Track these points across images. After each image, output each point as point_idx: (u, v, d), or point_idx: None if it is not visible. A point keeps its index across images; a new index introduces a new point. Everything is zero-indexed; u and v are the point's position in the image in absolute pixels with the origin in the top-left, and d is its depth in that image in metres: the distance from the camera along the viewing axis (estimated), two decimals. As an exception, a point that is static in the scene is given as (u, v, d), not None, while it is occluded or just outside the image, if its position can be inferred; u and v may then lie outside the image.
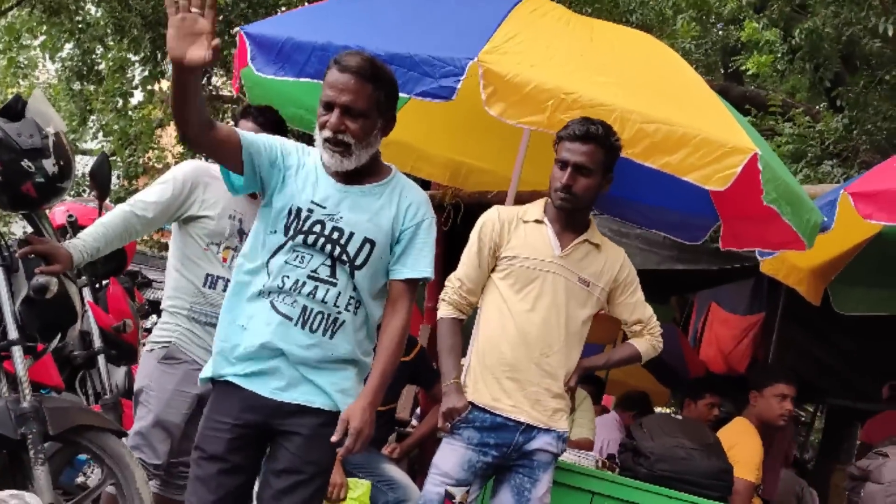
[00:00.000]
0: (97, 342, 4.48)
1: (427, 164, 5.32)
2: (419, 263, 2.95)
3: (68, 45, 11.38)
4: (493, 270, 3.57)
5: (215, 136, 2.73)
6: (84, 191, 11.80)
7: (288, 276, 2.85)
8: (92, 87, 11.66)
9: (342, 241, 2.86)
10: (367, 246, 2.88)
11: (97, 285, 4.77)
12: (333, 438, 2.80)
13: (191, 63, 2.44)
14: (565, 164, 3.44)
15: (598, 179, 3.47)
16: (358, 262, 2.88)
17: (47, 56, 12.16)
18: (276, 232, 2.87)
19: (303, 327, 2.84)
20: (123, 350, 4.72)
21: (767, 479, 4.93)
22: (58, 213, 4.70)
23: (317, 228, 2.85)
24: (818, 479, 8.20)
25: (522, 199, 3.96)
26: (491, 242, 3.55)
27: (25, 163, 3.29)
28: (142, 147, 11.70)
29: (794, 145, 7.26)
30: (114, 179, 12.24)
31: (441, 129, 5.03)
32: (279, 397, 2.85)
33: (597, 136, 3.40)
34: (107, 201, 4.17)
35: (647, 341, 3.71)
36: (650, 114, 3.53)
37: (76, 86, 11.74)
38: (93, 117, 12.53)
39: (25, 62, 13.79)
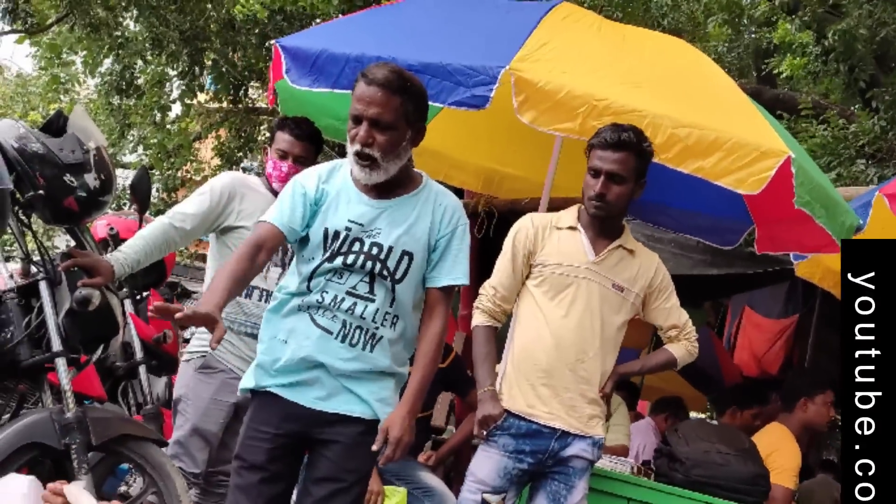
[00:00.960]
0: (138, 353, 4.54)
1: (460, 172, 5.34)
2: (455, 270, 2.97)
3: (107, 61, 11.53)
4: (527, 277, 3.57)
5: (269, 255, 2.91)
6: (125, 204, 11.94)
7: (327, 292, 2.88)
8: (131, 102, 11.81)
9: (381, 257, 2.89)
10: (406, 259, 2.91)
11: (138, 297, 4.85)
12: (374, 447, 2.83)
13: None
14: (598, 172, 3.43)
15: (631, 186, 3.46)
16: (398, 275, 2.91)
17: (87, 71, 12.32)
18: (314, 259, 2.91)
19: (343, 341, 2.87)
20: (164, 361, 4.78)
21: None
22: (99, 226, 4.78)
23: (356, 247, 2.88)
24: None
25: (556, 205, 3.97)
26: (525, 250, 3.55)
27: (67, 177, 3.35)
28: (180, 160, 11.81)
29: (828, 147, 7.19)
30: (153, 192, 12.40)
31: (474, 136, 5.05)
32: (319, 407, 2.89)
33: (629, 143, 3.39)
34: (147, 214, 4.24)
35: (683, 346, 3.68)
36: (682, 118, 3.53)
37: (115, 100, 11.89)
38: (132, 131, 12.69)
39: (66, 78, 13.97)
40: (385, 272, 2.89)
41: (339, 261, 2.88)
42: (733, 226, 4.63)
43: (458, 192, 5.90)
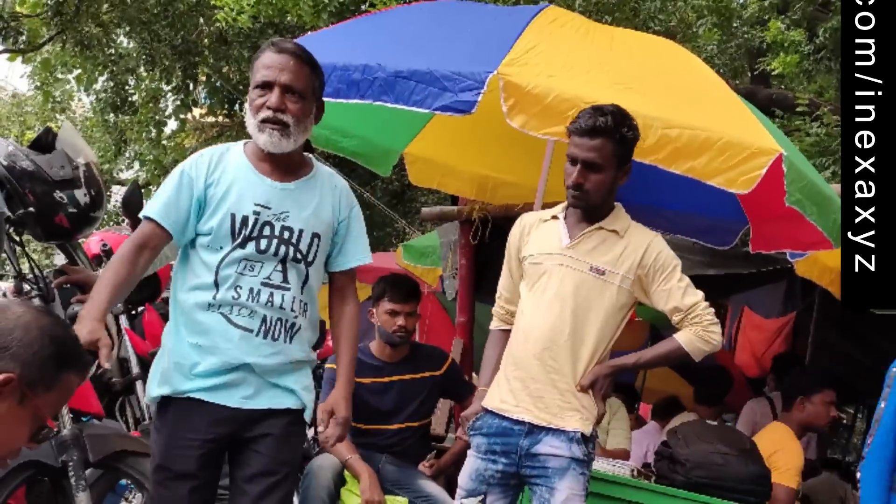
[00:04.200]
0: (135, 368, 4.52)
1: (454, 180, 5.33)
2: (360, 251, 3.04)
3: (102, 78, 11.55)
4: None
5: (153, 255, 2.86)
6: (123, 220, 11.94)
7: (241, 287, 2.82)
8: (126, 119, 11.82)
9: (293, 240, 2.86)
10: (316, 241, 2.91)
11: (133, 312, 4.83)
12: (321, 429, 2.88)
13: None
14: (575, 160, 3.26)
15: (611, 173, 3.28)
16: (311, 258, 2.90)
17: (82, 89, 12.33)
18: (222, 248, 2.83)
19: (265, 337, 2.84)
20: (161, 375, 4.75)
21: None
22: (92, 242, 4.76)
23: (266, 231, 2.84)
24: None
25: (550, 210, 3.95)
26: (515, 250, 3.48)
27: (57, 194, 3.35)
28: (176, 175, 11.82)
29: (821, 145, 7.19)
30: (150, 208, 12.38)
31: (466, 143, 5.04)
32: (248, 405, 2.86)
33: (605, 128, 3.20)
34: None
35: (692, 332, 3.26)
36: (673, 119, 3.51)
37: (111, 117, 11.90)
38: (129, 148, 12.70)
39: (61, 98, 14.00)
40: (298, 255, 2.87)
41: (251, 247, 2.83)
42: (729, 226, 4.61)
43: (453, 200, 5.90)
